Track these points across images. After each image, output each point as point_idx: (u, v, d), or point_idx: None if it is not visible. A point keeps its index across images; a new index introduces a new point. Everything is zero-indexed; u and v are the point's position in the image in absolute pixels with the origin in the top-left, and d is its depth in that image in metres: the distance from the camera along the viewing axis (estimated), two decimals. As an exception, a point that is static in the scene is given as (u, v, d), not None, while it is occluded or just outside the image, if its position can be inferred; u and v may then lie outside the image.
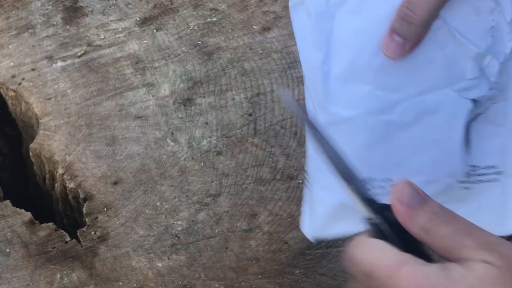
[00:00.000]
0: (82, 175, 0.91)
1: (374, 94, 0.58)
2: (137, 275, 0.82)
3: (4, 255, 0.84)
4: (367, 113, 0.58)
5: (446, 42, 0.57)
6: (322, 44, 0.59)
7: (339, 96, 0.59)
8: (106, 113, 0.97)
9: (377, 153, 0.58)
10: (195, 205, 0.88)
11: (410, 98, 0.57)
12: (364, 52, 0.58)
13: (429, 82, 0.57)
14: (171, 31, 1.05)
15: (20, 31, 1.06)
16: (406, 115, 0.58)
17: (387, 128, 0.58)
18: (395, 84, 0.57)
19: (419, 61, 0.57)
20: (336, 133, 0.57)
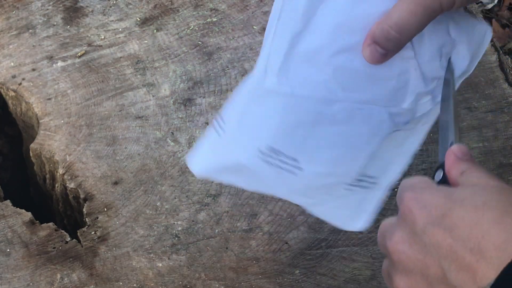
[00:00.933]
0: (83, 175, 0.91)
1: (326, 85, 0.62)
2: (137, 275, 0.82)
3: (5, 255, 0.84)
4: (310, 97, 0.63)
5: (406, 71, 0.63)
6: (304, 16, 0.63)
7: (293, 71, 0.63)
8: (106, 113, 0.97)
9: (299, 133, 0.63)
10: (195, 205, 0.88)
11: (351, 102, 0.63)
12: (336, 44, 0.62)
13: (374, 95, 0.63)
14: (171, 31, 1.05)
15: (21, 31, 1.06)
16: (340, 114, 0.63)
17: (319, 117, 0.63)
18: (347, 85, 0.62)
19: (377, 75, 0.62)
20: (272, 101, 0.63)
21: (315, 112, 0.63)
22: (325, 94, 0.63)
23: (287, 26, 0.63)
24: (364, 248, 0.85)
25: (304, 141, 0.64)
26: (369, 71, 0.62)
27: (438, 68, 0.64)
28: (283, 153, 0.64)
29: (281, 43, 0.63)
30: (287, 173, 0.65)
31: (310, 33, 0.63)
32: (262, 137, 0.64)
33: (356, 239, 0.85)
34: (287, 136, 0.64)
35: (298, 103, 0.63)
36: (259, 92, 0.65)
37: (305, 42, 0.63)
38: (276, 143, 0.64)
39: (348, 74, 0.62)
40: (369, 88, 0.63)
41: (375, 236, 0.85)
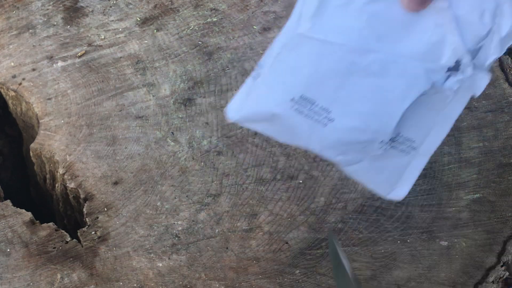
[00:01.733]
0: (83, 175, 0.91)
1: (360, 33, 0.61)
2: (137, 275, 0.82)
3: (5, 255, 0.84)
4: (343, 45, 0.61)
5: (442, 24, 0.60)
6: None
7: (327, 17, 0.62)
8: (106, 113, 0.97)
9: (331, 83, 0.62)
10: (195, 205, 0.88)
11: (386, 54, 0.61)
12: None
13: (410, 48, 0.61)
14: (171, 31, 1.05)
15: (21, 31, 1.06)
16: (374, 65, 0.61)
17: (352, 67, 0.61)
18: (382, 34, 0.61)
19: (413, 26, 0.60)
20: (305, 48, 0.62)
21: (349, 62, 0.61)
22: (359, 43, 0.61)
23: None
24: (364, 248, 0.85)
25: (336, 91, 0.62)
26: (405, 20, 0.60)
27: (479, 26, 0.60)
28: (315, 102, 0.62)
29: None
30: (318, 125, 0.63)
31: None
32: (295, 85, 0.62)
33: (356, 239, 0.85)
34: (319, 85, 0.62)
35: (331, 51, 0.61)
36: (293, 37, 0.62)
37: None
38: (308, 92, 0.62)
39: (384, 23, 0.60)
40: (405, 39, 0.61)
41: (376, 236, 0.85)
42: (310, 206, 0.88)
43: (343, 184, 0.89)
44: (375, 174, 0.67)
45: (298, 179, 0.90)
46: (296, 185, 0.89)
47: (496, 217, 0.86)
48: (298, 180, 0.90)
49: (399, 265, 0.84)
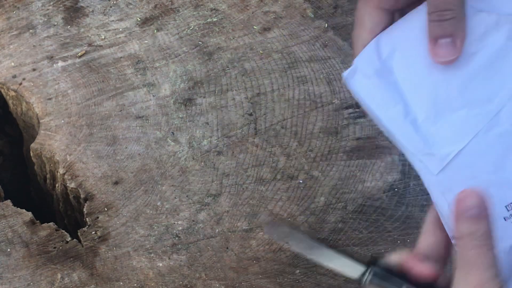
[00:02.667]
0: (83, 175, 0.91)
1: (471, 114, 0.57)
2: (137, 275, 0.82)
3: (5, 255, 0.84)
4: (477, 136, 0.57)
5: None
6: (395, 98, 0.59)
7: (439, 136, 0.58)
8: (106, 113, 0.97)
9: (509, 168, 0.56)
10: (195, 205, 0.88)
11: (508, 101, 0.56)
12: (437, 84, 0.57)
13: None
14: (171, 31, 1.06)
15: (21, 31, 1.06)
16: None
17: (504, 139, 0.56)
18: (484, 95, 0.56)
19: (483, 60, 0.56)
20: (463, 169, 0.57)
21: (496, 140, 0.57)
22: (480, 120, 0.56)
23: (396, 120, 0.58)
24: (364, 248, 0.85)
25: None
26: (475, 64, 0.56)
27: None
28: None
29: (408, 134, 0.58)
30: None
31: (411, 101, 0.58)
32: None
33: (356, 239, 0.85)
34: (503, 181, 0.57)
35: (476, 149, 0.57)
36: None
37: (417, 111, 0.58)
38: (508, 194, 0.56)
39: (473, 87, 0.56)
40: (501, 77, 0.56)
41: (376, 236, 0.85)
42: (310, 206, 0.88)
43: (343, 184, 0.89)
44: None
45: (298, 179, 0.90)
46: (296, 185, 0.89)
47: (496, 217, 0.87)
48: (298, 180, 0.90)
49: (399, 265, 0.84)
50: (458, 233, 0.56)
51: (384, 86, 0.60)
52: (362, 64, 0.61)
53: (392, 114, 0.60)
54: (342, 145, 0.92)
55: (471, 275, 0.55)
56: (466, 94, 0.57)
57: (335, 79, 0.99)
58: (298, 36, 1.04)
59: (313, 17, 1.07)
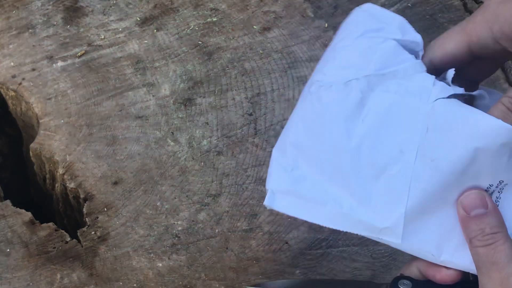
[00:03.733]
0: (83, 175, 0.91)
1: (393, 173, 0.59)
2: (137, 275, 0.82)
3: (5, 255, 0.84)
4: (412, 186, 0.58)
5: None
6: (322, 198, 0.60)
7: (380, 209, 0.59)
8: (106, 113, 0.97)
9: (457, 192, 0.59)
10: (195, 205, 0.88)
11: (418, 142, 0.58)
12: (348, 166, 0.59)
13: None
14: (171, 31, 1.05)
15: (21, 31, 1.06)
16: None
17: (436, 174, 0.58)
18: (394, 150, 0.58)
19: (375, 122, 0.59)
20: (420, 220, 0.59)
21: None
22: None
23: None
24: (364, 248, 0.85)
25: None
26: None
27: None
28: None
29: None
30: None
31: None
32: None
33: (356, 239, 0.85)
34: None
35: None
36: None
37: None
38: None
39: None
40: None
41: (376, 236, 0.85)
42: (310, 206, 0.87)
43: (343, 184, 0.89)
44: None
45: (298, 179, 0.90)
46: (296, 185, 0.89)
47: (497, 217, 0.86)
48: (298, 180, 0.90)
49: (399, 265, 0.83)
50: (468, 235, 0.56)
51: (306, 194, 0.60)
52: (275, 185, 0.62)
53: (328, 214, 0.60)
54: (342, 145, 0.92)
55: (492, 273, 0.55)
56: (378, 159, 0.58)
57: (335, 79, 0.99)
58: (298, 36, 1.04)
59: (313, 17, 1.07)
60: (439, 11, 1.06)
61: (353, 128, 0.58)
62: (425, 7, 1.07)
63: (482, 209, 0.56)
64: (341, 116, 0.59)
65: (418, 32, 0.63)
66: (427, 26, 1.04)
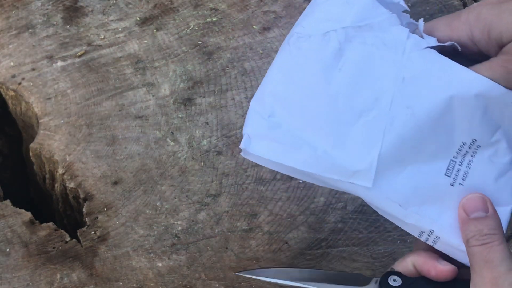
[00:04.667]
0: (82, 175, 0.91)
1: (369, 119, 0.61)
2: (137, 275, 0.82)
3: (4, 255, 0.84)
4: (386, 132, 0.60)
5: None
6: (296, 142, 0.62)
7: (354, 153, 0.61)
8: (106, 113, 0.97)
9: (430, 145, 0.61)
10: (195, 205, 0.88)
11: (393, 91, 0.60)
12: (325, 111, 0.61)
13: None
14: (171, 31, 1.05)
15: (20, 31, 1.06)
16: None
17: (411, 120, 0.60)
18: (370, 97, 0.61)
19: (352, 70, 0.61)
20: (390, 169, 0.61)
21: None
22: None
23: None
24: (364, 248, 0.85)
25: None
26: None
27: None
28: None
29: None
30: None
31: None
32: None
33: (356, 239, 0.85)
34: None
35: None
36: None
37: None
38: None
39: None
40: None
41: (376, 236, 0.85)
42: (310, 206, 0.87)
43: (343, 184, 0.89)
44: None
45: (298, 179, 0.90)
46: (296, 185, 0.89)
47: (496, 217, 0.86)
48: (298, 180, 0.90)
49: (399, 265, 0.83)
50: (465, 235, 0.57)
51: (281, 138, 0.61)
52: (251, 130, 0.63)
53: (302, 157, 0.61)
54: (342, 145, 0.92)
55: (484, 271, 0.56)
56: (354, 106, 0.60)
57: (335, 79, 0.99)
58: (298, 36, 1.04)
59: (313, 16, 1.07)
60: (439, 11, 1.06)
61: (330, 76, 0.60)
62: (425, 7, 1.07)
63: (482, 212, 0.57)
64: (319, 65, 0.60)
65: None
66: (427, 26, 1.04)
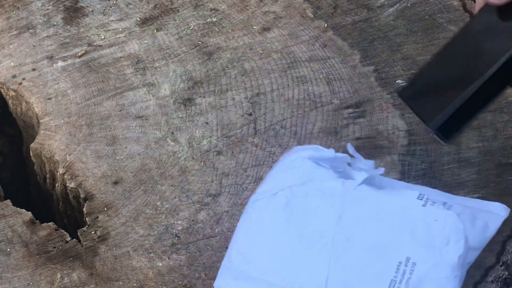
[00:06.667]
0: (83, 175, 0.91)
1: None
2: (137, 275, 0.83)
3: (5, 255, 0.85)
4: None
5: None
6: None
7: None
8: (106, 113, 0.97)
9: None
10: (195, 204, 0.88)
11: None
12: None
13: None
14: (171, 31, 1.06)
15: (21, 31, 1.07)
16: None
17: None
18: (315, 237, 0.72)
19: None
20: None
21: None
22: None
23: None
24: (363, 247, 0.85)
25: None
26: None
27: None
28: None
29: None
30: None
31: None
32: None
33: (355, 239, 0.85)
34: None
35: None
36: None
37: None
38: None
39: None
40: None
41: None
42: (309, 206, 0.88)
43: (342, 184, 0.89)
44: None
45: (297, 179, 0.90)
46: (295, 185, 0.89)
47: (496, 217, 0.87)
48: (298, 180, 0.90)
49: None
50: None
51: (245, 282, 0.72)
52: (222, 282, 0.74)
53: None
54: (342, 145, 0.92)
55: None
56: (303, 244, 0.72)
57: (334, 79, 0.99)
58: (298, 36, 1.04)
59: (313, 17, 1.07)
60: (438, 11, 1.06)
61: (281, 225, 0.72)
62: (425, 7, 1.07)
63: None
64: (272, 219, 0.73)
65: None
66: (427, 26, 1.04)
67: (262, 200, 0.74)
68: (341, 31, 1.05)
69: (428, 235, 0.69)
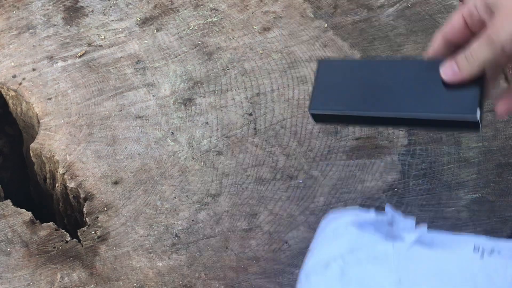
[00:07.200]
0: (83, 175, 0.91)
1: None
2: (137, 275, 0.83)
3: (5, 255, 0.85)
4: None
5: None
6: None
7: None
8: (106, 113, 0.97)
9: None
10: (195, 204, 0.88)
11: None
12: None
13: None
14: (171, 31, 1.06)
15: (21, 31, 1.07)
16: None
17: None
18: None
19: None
20: None
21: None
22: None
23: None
24: (364, 247, 0.85)
25: None
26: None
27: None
28: None
29: None
30: None
31: None
32: None
33: (356, 239, 0.85)
34: None
35: None
36: None
37: None
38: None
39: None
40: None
41: (375, 236, 0.85)
42: (309, 206, 0.88)
43: (342, 184, 0.89)
44: None
45: (298, 179, 0.90)
46: (296, 184, 0.89)
47: (496, 216, 0.87)
48: (298, 179, 0.90)
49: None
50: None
51: None
52: None
53: None
54: (342, 145, 0.92)
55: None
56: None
57: (334, 79, 0.99)
58: (298, 36, 1.04)
59: (313, 17, 1.07)
60: (438, 11, 1.06)
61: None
62: (425, 7, 1.07)
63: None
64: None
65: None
66: (427, 26, 1.04)
67: (315, 273, 0.72)
68: (341, 31, 1.05)
69: (492, 287, 0.69)
